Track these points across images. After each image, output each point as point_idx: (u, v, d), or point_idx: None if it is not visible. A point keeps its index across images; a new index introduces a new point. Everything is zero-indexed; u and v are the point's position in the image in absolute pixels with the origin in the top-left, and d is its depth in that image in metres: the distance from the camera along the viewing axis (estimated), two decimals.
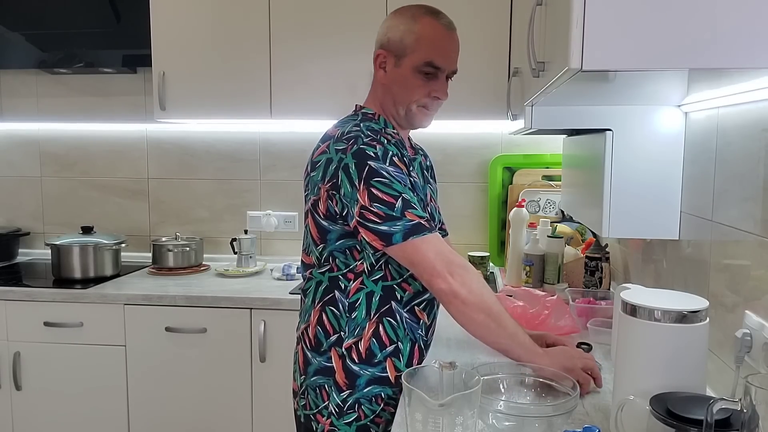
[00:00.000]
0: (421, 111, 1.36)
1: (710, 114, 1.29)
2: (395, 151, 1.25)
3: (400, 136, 1.37)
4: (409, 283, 1.32)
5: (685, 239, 1.41)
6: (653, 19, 0.80)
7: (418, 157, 1.46)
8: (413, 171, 1.33)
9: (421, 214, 1.22)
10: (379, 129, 1.31)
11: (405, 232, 1.20)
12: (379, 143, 1.24)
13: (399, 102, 1.35)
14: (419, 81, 1.32)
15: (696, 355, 0.96)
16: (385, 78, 1.35)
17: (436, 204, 1.47)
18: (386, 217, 1.20)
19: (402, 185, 1.22)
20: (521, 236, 2.26)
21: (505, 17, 2.24)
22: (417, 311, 1.34)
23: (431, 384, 1.01)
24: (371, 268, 1.30)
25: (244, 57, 2.37)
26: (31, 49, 2.60)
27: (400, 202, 1.20)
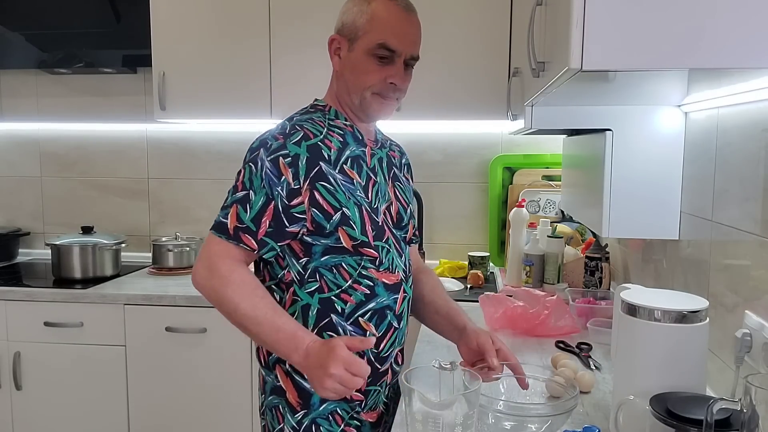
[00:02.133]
0: (376, 99, 1.23)
1: (710, 114, 1.29)
2: (300, 152, 1.14)
3: (356, 129, 1.27)
4: (349, 293, 1.20)
5: (685, 239, 1.41)
6: (653, 19, 0.80)
7: (380, 153, 1.31)
8: (362, 167, 1.23)
9: (245, 220, 1.13)
10: (321, 119, 1.23)
11: (215, 224, 1.15)
12: (290, 139, 1.15)
13: (352, 89, 1.23)
14: (373, 65, 1.20)
15: (696, 355, 0.96)
16: (339, 65, 1.25)
17: (406, 205, 1.35)
18: (226, 200, 1.16)
19: (261, 184, 1.13)
20: (521, 236, 2.26)
21: (505, 17, 2.24)
22: (362, 323, 1.22)
23: (431, 384, 1.01)
24: (300, 278, 1.20)
25: (245, 57, 2.37)
26: (31, 49, 2.60)
27: (241, 194, 1.14)
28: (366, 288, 1.21)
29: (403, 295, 1.28)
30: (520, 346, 1.61)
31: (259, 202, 1.13)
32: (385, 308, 1.24)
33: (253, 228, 1.13)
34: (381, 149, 1.33)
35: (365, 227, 1.19)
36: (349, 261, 1.20)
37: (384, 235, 1.23)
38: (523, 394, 1.19)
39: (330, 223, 1.16)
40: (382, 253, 1.23)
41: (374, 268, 1.22)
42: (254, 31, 2.36)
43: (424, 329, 1.76)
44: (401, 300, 1.28)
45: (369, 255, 1.21)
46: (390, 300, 1.24)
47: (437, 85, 2.29)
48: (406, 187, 1.38)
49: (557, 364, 1.39)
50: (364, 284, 1.21)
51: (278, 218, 1.14)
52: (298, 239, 1.18)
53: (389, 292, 1.24)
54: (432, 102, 2.30)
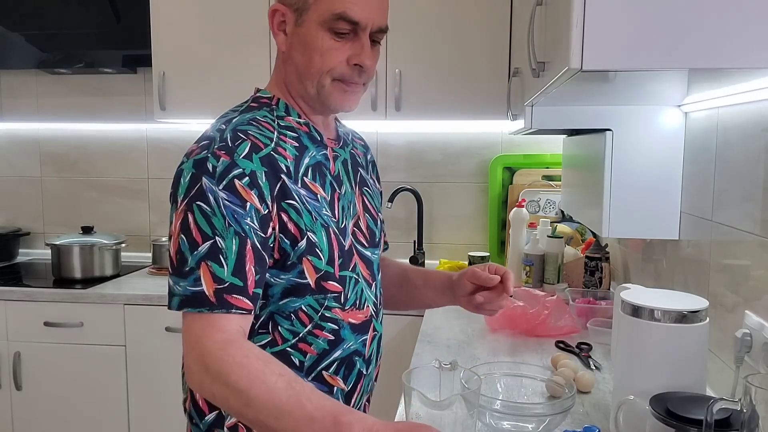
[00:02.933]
0: (338, 87, 0.97)
1: (710, 114, 1.29)
2: (255, 167, 0.89)
3: (312, 128, 1.02)
4: (309, 342, 0.97)
5: (685, 239, 1.41)
6: (653, 19, 0.80)
7: (343, 153, 1.08)
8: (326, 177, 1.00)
9: (225, 277, 0.85)
10: (268, 120, 0.98)
11: (183, 299, 0.85)
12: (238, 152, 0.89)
13: (305, 75, 0.96)
14: (329, 42, 0.94)
15: (696, 355, 0.96)
16: (285, 43, 0.98)
17: (376, 215, 1.13)
18: (179, 262, 0.87)
19: (225, 224, 0.86)
20: (521, 236, 2.26)
21: (505, 17, 2.24)
22: (327, 378, 0.99)
23: (431, 384, 1.01)
24: (251, 329, 0.94)
25: (244, 57, 2.37)
26: (31, 49, 2.60)
27: (206, 247, 0.85)
28: (330, 333, 0.98)
29: (372, 334, 1.07)
30: (520, 346, 1.61)
31: (233, 247, 0.86)
32: (352, 354, 1.02)
33: (239, 283, 0.86)
34: (343, 148, 1.09)
35: (332, 254, 0.96)
36: (309, 301, 0.96)
37: (351, 263, 1.01)
38: (523, 394, 1.19)
39: (295, 251, 0.92)
40: (348, 286, 1.00)
41: (339, 307, 0.99)
42: (254, 31, 2.36)
43: (424, 329, 1.76)
44: (370, 341, 1.06)
45: (333, 291, 0.97)
46: (358, 344, 1.03)
47: (437, 85, 2.29)
48: (374, 192, 1.16)
49: (557, 364, 1.39)
50: (327, 329, 0.98)
51: (260, 257, 0.89)
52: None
53: (357, 334, 1.02)
54: (432, 102, 2.30)
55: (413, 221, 2.68)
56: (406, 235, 2.70)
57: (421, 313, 2.00)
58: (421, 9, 2.29)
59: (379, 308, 1.11)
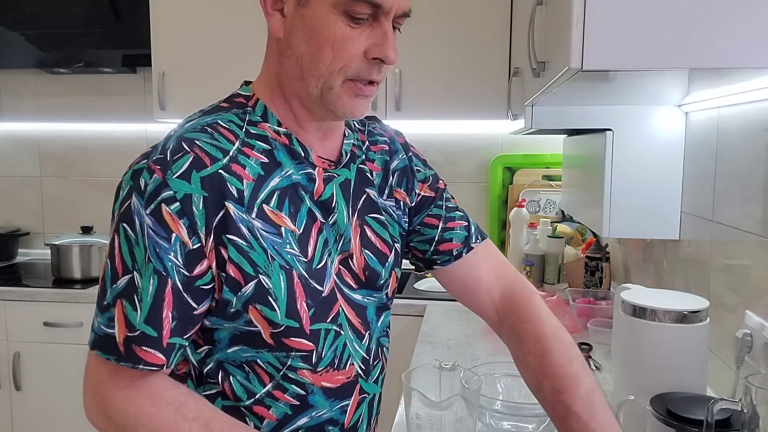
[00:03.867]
0: (350, 89, 0.75)
1: (710, 114, 1.29)
2: (191, 190, 0.70)
3: (294, 140, 0.79)
4: (267, 404, 0.79)
5: (686, 239, 1.41)
6: (653, 19, 0.79)
7: (343, 173, 0.84)
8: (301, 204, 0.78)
9: (138, 324, 0.70)
10: (234, 125, 0.78)
11: (95, 338, 0.73)
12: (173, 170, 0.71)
13: (310, 70, 0.75)
14: (344, 29, 0.72)
15: (696, 355, 0.96)
16: (281, 28, 0.76)
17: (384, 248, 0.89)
18: (100, 292, 0.74)
19: (145, 257, 0.70)
20: (521, 236, 2.26)
21: (505, 17, 2.24)
22: None
23: (431, 384, 1.01)
24: (198, 374, 0.79)
25: (244, 57, 2.37)
26: (30, 49, 2.60)
27: (124, 282, 0.71)
28: (293, 398, 0.80)
29: (358, 398, 0.85)
30: None
31: (149, 287, 0.70)
32: (325, 423, 0.82)
33: (152, 333, 0.70)
34: (347, 167, 0.85)
35: (295, 305, 0.76)
36: (267, 357, 0.78)
37: (330, 312, 0.80)
38: (523, 394, 1.19)
39: (238, 297, 0.74)
40: (323, 342, 0.79)
41: (308, 369, 0.79)
42: (254, 30, 2.35)
43: (424, 329, 1.76)
44: (354, 406, 0.85)
45: (300, 349, 0.78)
46: (334, 411, 0.82)
47: (437, 85, 2.29)
48: (390, 219, 0.89)
49: None
50: (290, 392, 0.79)
51: (182, 302, 0.71)
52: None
53: (333, 399, 0.82)
54: (432, 102, 2.30)
55: None
56: None
57: (421, 313, 2.00)
58: (421, 9, 2.28)
59: (375, 364, 0.88)
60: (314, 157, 0.81)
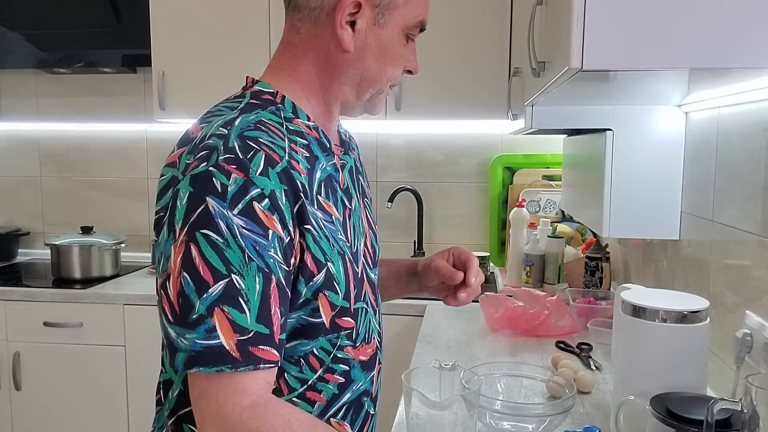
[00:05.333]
0: (387, 92, 0.91)
1: (711, 114, 1.29)
2: (274, 186, 0.72)
3: (321, 133, 0.86)
4: (318, 389, 0.83)
5: (686, 239, 1.41)
6: (653, 18, 0.80)
7: (348, 159, 0.93)
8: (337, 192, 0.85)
9: (248, 325, 0.69)
10: (275, 123, 0.80)
11: (191, 355, 0.68)
12: (253, 168, 0.71)
13: (373, 81, 0.86)
14: (404, 49, 0.88)
15: (696, 355, 0.96)
16: (352, 42, 0.82)
17: (374, 227, 0.98)
18: (183, 309, 0.69)
19: (244, 258, 0.69)
20: (521, 236, 2.26)
21: (505, 17, 2.24)
22: (335, 424, 0.85)
23: (431, 384, 1.01)
24: None
25: (244, 57, 2.37)
26: (31, 49, 2.60)
27: (220, 287, 0.68)
28: (340, 376, 0.85)
29: (378, 368, 0.94)
30: (520, 346, 1.61)
31: (255, 286, 0.70)
32: (361, 396, 0.89)
33: (264, 330, 0.70)
34: (348, 154, 0.94)
35: (349, 287, 0.82)
36: (322, 343, 0.81)
37: (362, 291, 0.87)
38: (523, 394, 1.19)
39: (309, 287, 0.77)
40: (359, 319, 0.86)
41: (351, 345, 0.85)
42: (254, 30, 2.36)
43: (424, 329, 1.76)
44: (377, 375, 0.93)
45: (346, 327, 0.83)
46: (367, 382, 0.90)
47: (437, 85, 2.29)
48: (371, 205, 1.03)
49: (557, 365, 1.39)
50: (338, 372, 0.84)
51: (285, 296, 0.74)
52: None
53: (366, 371, 0.89)
54: (432, 102, 2.30)
55: (413, 221, 2.68)
56: (406, 235, 2.70)
57: (421, 313, 2.00)
58: None
59: (382, 337, 0.98)
60: (333, 146, 0.88)
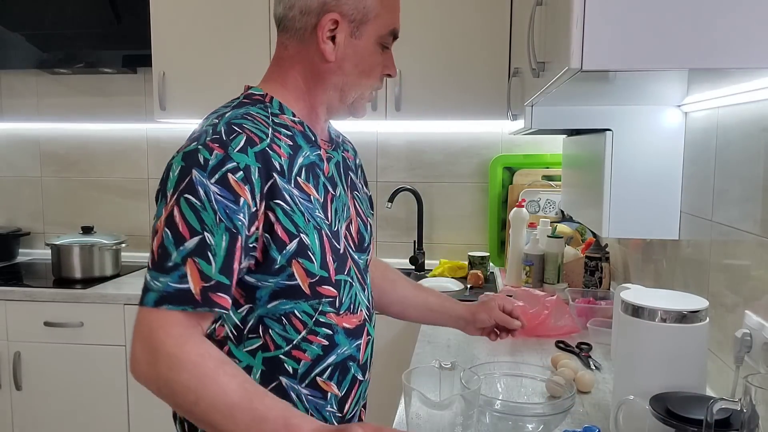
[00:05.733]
0: (369, 98, 1.03)
1: (710, 114, 1.29)
2: (249, 162, 0.86)
3: (306, 127, 0.99)
4: (303, 348, 0.94)
5: (685, 239, 1.41)
6: (653, 19, 0.80)
7: (336, 155, 1.05)
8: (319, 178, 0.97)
9: (214, 275, 0.82)
10: (262, 115, 0.94)
11: (162, 295, 0.80)
12: (233, 146, 0.86)
13: (351, 86, 0.98)
14: (380, 57, 0.99)
15: (696, 355, 0.96)
16: (333, 53, 0.95)
17: (366, 220, 1.10)
18: (161, 257, 0.82)
19: (216, 219, 0.82)
20: (521, 236, 2.26)
21: (505, 17, 2.24)
22: (321, 383, 0.96)
23: (431, 384, 1.01)
24: (238, 333, 0.93)
25: (245, 57, 2.37)
26: (31, 50, 2.60)
27: (193, 242, 0.81)
28: (324, 339, 0.96)
29: (366, 338, 1.04)
30: (520, 346, 1.61)
31: (222, 243, 0.82)
32: (347, 360, 0.99)
33: (225, 281, 0.83)
34: (336, 150, 1.07)
35: (326, 258, 0.94)
36: (303, 307, 0.93)
37: (346, 266, 0.99)
38: (523, 394, 1.19)
39: (283, 254, 0.89)
40: (343, 290, 0.98)
41: (334, 312, 0.96)
42: (254, 30, 2.36)
43: (424, 329, 1.77)
44: (365, 345, 1.04)
45: (328, 295, 0.95)
46: (352, 348, 1.00)
47: (437, 85, 2.29)
48: (363, 198, 1.12)
49: (557, 364, 1.39)
50: (321, 334, 0.95)
51: (243, 256, 0.86)
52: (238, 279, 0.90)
53: (351, 338, 1.00)
54: (432, 102, 2.30)
55: (413, 221, 2.68)
56: (406, 235, 2.70)
57: None
58: (421, 9, 2.29)
59: (372, 312, 1.08)
60: (320, 141, 1.01)
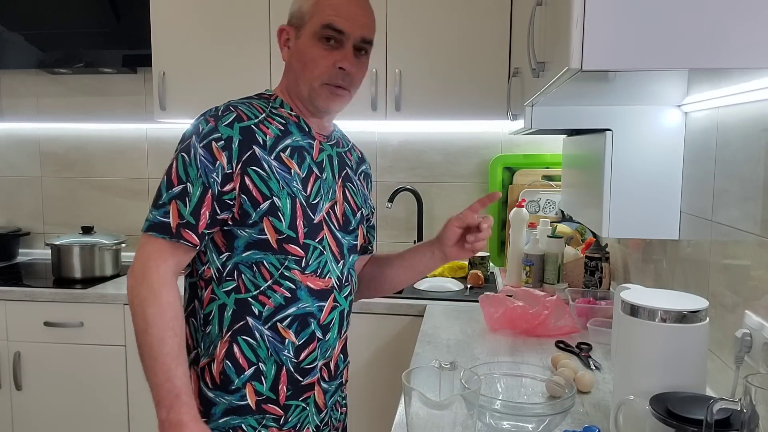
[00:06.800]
0: (326, 90, 1.14)
1: (710, 114, 1.29)
2: (232, 134, 1.08)
3: (302, 120, 1.19)
4: (268, 295, 1.12)
5: (685, 239, 1.41)
6: (653, 19, 0.80)
7: (331, 150, 1.22)
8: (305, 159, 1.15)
9: (186, 216, 1.06)
10: (262, 105, 1.16)
11: (151, 224, 1.07)
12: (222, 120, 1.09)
13: (301, 79, 1.15)
14: (320, 50, 1.13)
15: (696, 355, 0.96)
16: (287, 55, 1.19)
17: (356, 209, 1.25)
18: (157, 196, 1.08)
19: (197, 174, 1.06)
20: (521, 236, 2.26)
21: (505, 17, 2.24)
22: (280, 329, 1.13)
23: (431, 384, 1.01)
24: (219, 275, 1.12)
25: (245, 57, 2.37)
26: (30, 49, 2.60)
27: (178, 189, 1.07)
28: (287, 291, 1.12)
29: (332, 304, 1.18)
30: (520, 346, 1.61)
31: (197, 192, 1.06)
32: (307, 315, 1.14)
33: (192, 221, 1.07)
34: (334, 147, 1.24)
35: (296, 222, 1.11)
36: (271, 259, 1.11)
37: (318, 235, 1.15)
38: (523, 394, 1.19)
39: (256, 212, 1.08)
40: (311, 254, 1.14)
41: (298, 270, 1.13)
42: (254, 30, 2.36)
43: (424, 329, 1.77)
44: (329, 309, 1.17)
45: (294, 254, 1.12)
46: (314, 307, 1.15)
47: (437, 85, 2.29)
48: (359, 192, 1.28)
49: (557, 364, 1.39)
50: (284, 286, 1.12)
51: (213, 207, 1.08)
52: (222, 230, 1.11)
53: (314, 298, 1.15)
54: (432, 102, 2.30)
55: (413, 221, 2.68)
56: (406, 235, 2.70)
57: (421, 313, 2.00)
58: (421, 9, 2.29)
59: (345, 285, 1.21)
60: (315, 132, 1.20)
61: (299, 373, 1.15)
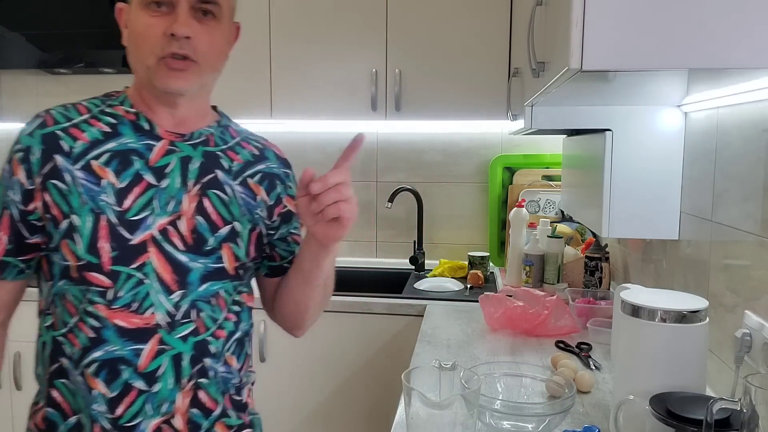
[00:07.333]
0: (162, 66, 0.92)
1: (710, 114, 1.29)
2: (32, 143, 0.93)
3: (141, 117, 0.99)
4: (75, 334, 0.92)
5: (685, 239, 1.41)
6: (653, 19, 0.80)
7: (189, 150, 0.99)
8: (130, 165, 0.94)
9: None
10: (92, 105, 1.01)
11: None
12: (26, 129, 0.97)
13: (136, 60, 0.95)
14: (148, 18, 0.91)
15: (696, 355, 0.96)
16: (125, 34, 0.98)
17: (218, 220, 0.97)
18: None
19: (2, 192, 0.94)
20: (521, 236, 2.26)
21: (505, 17, 2.25)
22: (87, 376, 0.92)
23: (431, 384, 1.01)
24: (44, 309, 0.98)
25: (244, 57, 2.37)
26: (31, 49, 2.60)
27: None
28: (90, 330, 0.91)
29: (157, 347, 0.93)
30: (520, 346, 1.62)
31: None
32: (116, 361, 0.91)
33: None
34: (199, 146, 1.01)
35: (95, 243, 0.90)
36: (74, 291, 0.92)
37: (137, 260, 0.92)
38: (523, 394, 1.19)
39: (57, 233, 0.91)
40: (122, 284, 0.91)
41: (104, 304, 0.91)
42: (254, 30, 2.36)
43: (423, 329, 1.76)
44: (151, 354, 0.92)
45: (97, 284, 0.91)
46: (126, 351, 0.91)
47: (437, 85, 2.29)
48: (233, 201, 1.00)
49: (557, 364, 1.39)
50: (88, 324, 0.91)
51: (15, 229, 0.93)
52: (46, 257, 0.95)
53: (125, 339, 0.91)
54: (432, 102, 2.30)
55: (413, 221, 2.68)
56: (406, 235, 2.70)
57: (421, 313, 2.00)
58: (421, 9, 2.29)
59: (185, 322, 0.94)
60: (161, 131, 0.99)
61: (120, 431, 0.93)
